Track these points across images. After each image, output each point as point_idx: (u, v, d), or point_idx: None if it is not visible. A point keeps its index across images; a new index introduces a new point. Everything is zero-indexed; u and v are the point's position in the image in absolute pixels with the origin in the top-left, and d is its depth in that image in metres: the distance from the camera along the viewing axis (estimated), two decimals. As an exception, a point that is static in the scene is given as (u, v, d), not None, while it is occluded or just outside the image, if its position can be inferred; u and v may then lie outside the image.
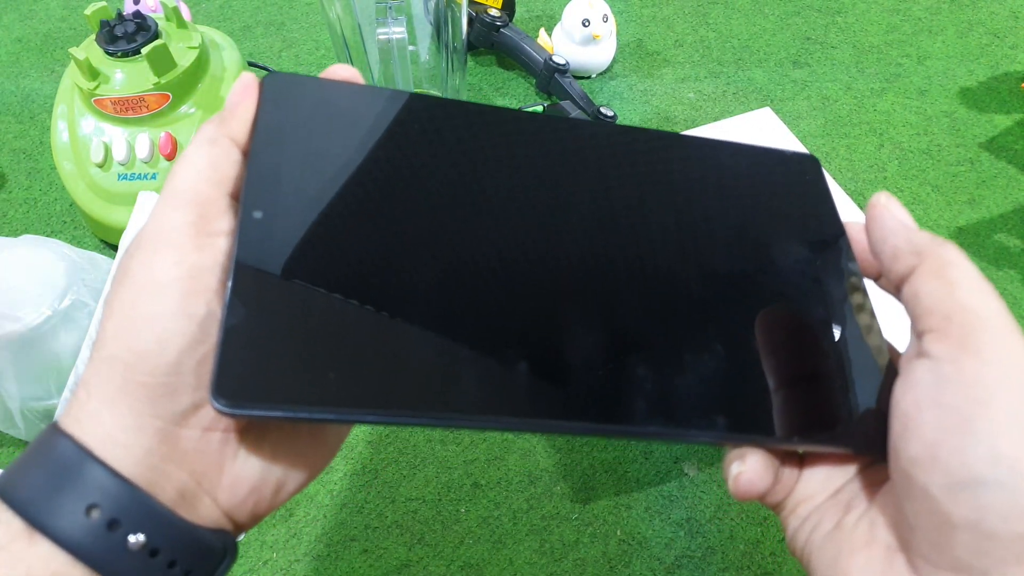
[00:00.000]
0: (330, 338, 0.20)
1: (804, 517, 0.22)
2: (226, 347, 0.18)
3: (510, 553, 0.42)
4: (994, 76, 0.68)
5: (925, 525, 0.18)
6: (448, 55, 0.54)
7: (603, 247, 0.24)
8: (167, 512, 0.18)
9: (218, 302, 0.19)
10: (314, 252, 0.21)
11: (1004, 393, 0.18)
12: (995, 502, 0.17)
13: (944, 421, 0.18)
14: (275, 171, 0.22)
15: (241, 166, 0.21)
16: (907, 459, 0.19)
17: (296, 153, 0.22)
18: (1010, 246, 0.56)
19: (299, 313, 0.20)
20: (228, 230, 0.20)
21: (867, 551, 0.20)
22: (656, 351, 0.22)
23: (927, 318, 0.20)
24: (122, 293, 0.19)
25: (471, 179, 0.24)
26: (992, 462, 0.17)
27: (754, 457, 0.21)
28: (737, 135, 0.50)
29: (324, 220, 0.21)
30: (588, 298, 0.23)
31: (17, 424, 0.44)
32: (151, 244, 0.19)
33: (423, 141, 0.24)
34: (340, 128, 0.23)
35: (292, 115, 0.23)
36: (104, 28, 0.51)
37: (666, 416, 0.21)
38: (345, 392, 0.19)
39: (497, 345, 0.21)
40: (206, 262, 0.19)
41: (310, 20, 0.74)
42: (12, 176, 0.61)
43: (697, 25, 0.74)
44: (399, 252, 0.22)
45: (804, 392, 0.22)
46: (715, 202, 0.26)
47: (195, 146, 0.21)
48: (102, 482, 0.17)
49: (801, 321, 0.24)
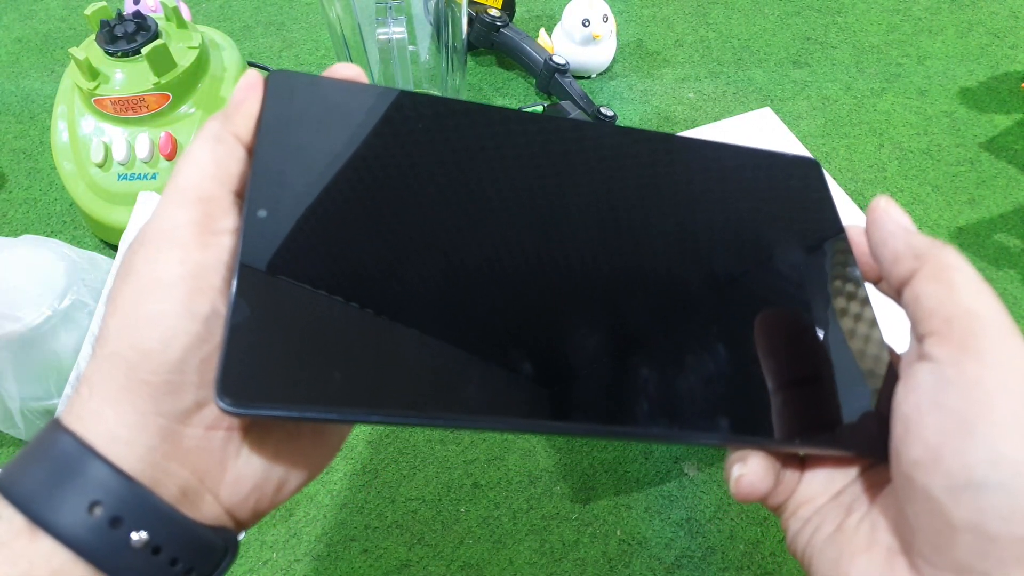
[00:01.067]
0: (334, 338, 0.20)
1: (805, 519, 0.22)
2: (231, 346, 0.18)
3: (510, 553, 0.42)
4: (994, 76, 0.68)
5: (926, 527, 0.18)
6: (448, 55, 0.54)
7: (604, 249, 0.24)
8: (169, 509, 0.18)
9: (222, 301, 0.19)
10: (319, 251, 0.21)
11: (1005, 395, 0.18)
12: (996, 504, 0.17)
13: (945, 424, 0.18)
14: (280, 169, 0.22)
15: (246, 164, 0.21)
16: (909, 462, 0.19)
17: (301, 151, 0.22)
18: (1010, 246, 0.56)
19: (304, 312, 0.20)
20: (232, 228, 0.20)
21: (868, 553, 0.20)
22: (657, 353, 0.22)
23: (928, 321, 0.20)
24: (125, 290, 0.19)
25: (476, 179, 0.24)
26: (993, 464, 0.17)
27: (755, 459, 0.21)
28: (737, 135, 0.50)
29: (329, 219, 0.21)
30: (590, 300, 0.23)
31: (17, 424, 0.44)
32: (155, 242, 0.19)
33: (429, 141, 0.24)
34: (345, 127, 0.23)
35: (297, 113, 0.23)
36: (104, 28, 0.51)
37: (668, 418, 0.21)
38: (349, 392, 0.19)
39: (500, 346, 0.21)
40: (210, 260, 0.19)
41: (310, 20, 0.74)
42: (12, 176, 0.61)
43: (697, 25, 0.74)
44: (404, 252, 0.22)
45: (805, 394, 0.22)
46: (715, 205, 0.26)
47: (199, 143, 0.21)
48: (104, 479, 0.17)
49: (801, 323, 0.24)
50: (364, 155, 0.23)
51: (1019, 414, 0.18)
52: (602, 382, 0.21)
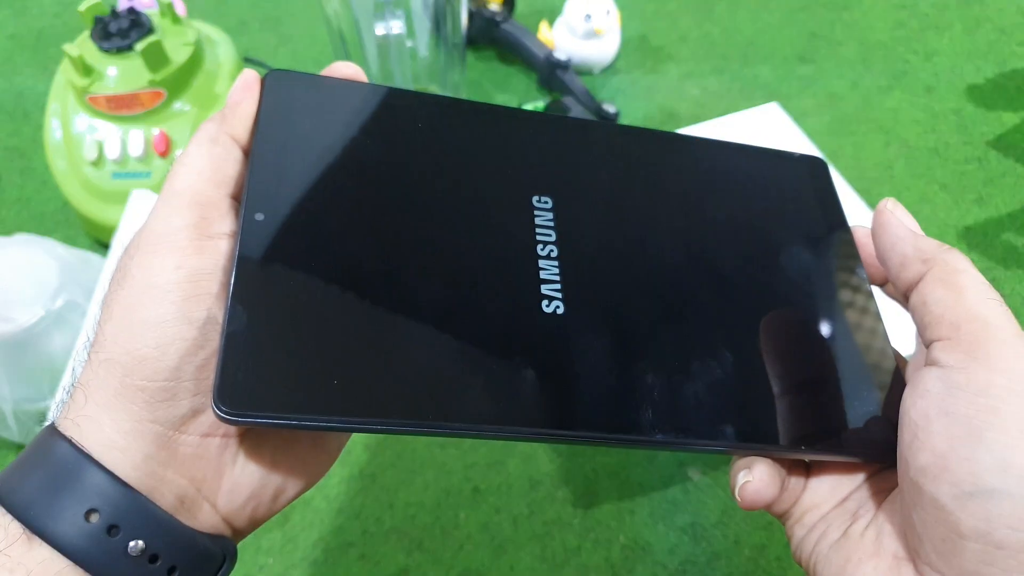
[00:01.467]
0: (333, 344, 0.19)
1: (810, 526, 0.22)
2: (228, 353, 0.18)
3: (511, 559, 0.42)
4: (1002, 73, 0.67)
5: (933, 535, 0.18)
6: (447, 50, 0.53)
7: (607, 252, 0.24)
8: (167, 517, 0.18)
9: (219, 306, 0.19)
10: (317, 255, 0.20)
11: (1014, 402, 0.18)
12: (1004, 512, 0.17)
13: (953, 430, 0.18)
14: (277, 172, 0.21)
15: (242, 165, 0.21)
16: (916, 469, 0.19)
17: (299, 153, 0.22)
18: (1018, 245, 0.55)
19: (302, 319, 0.19)
20: (229, 232, 0.20)
21: (874, 560, 0.20)
22: (662, 359, 0.22)
23: (936, 326, 0.20)
24: (120, 295, 0.19)
25: (478, 180, 0.23)
26: (1002, 471, 0.17)
27: (761, 466, 0.21)
28: (743, 131, 0.49)
29: (327, 223, 0.21)
30: (592, 304, 0.22)
31: (10, 425, 0.44)
32: (151, 246, 0.19)
33: (429, 141, 0.24)
34: (344, 128, 0.23)
35: (295, 114, 0.22)
36: (98, 24, 0.50)
37: (672, 425, 0.21)
38: (349, 399, 0.18)
39: (503, 352, 0.21)
40: (207, 265, 0.19)
41: (307, 15, 0.73)
42: (5, 174, 0.60)
43: (702, 20, 0.73)
44: (404, 257, 0.21)
45: (810, 399, 0.22)
46: (719, 205, 0.26)
47: (195, 145, 0.20)
48: (101, 486, 0.17)
49: (807, 326, 0.24)
50: (363, 157, 0.23)
51: None
52: (607, 389, 0.21)
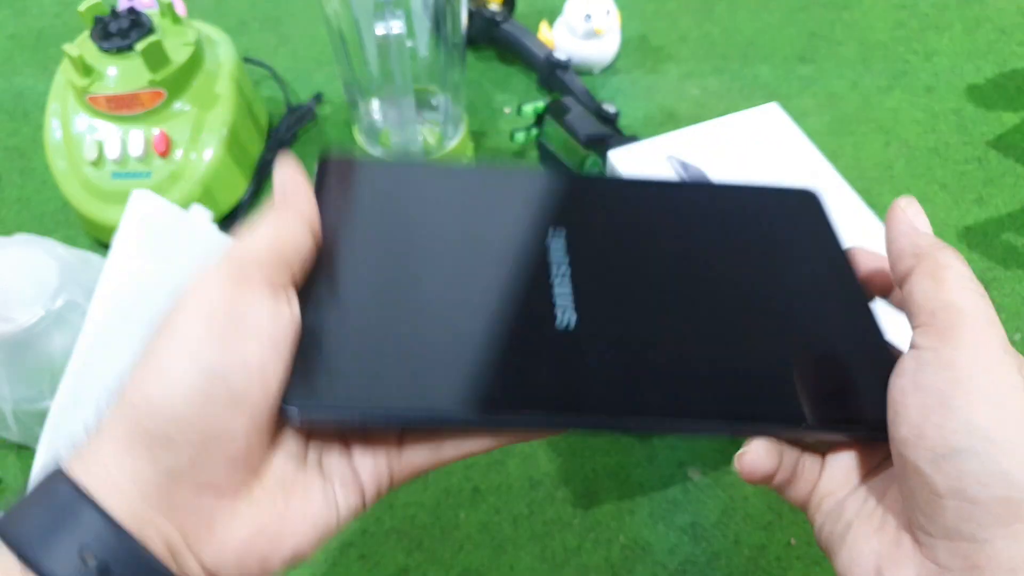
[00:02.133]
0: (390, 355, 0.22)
1: (828, 512, 0.23)
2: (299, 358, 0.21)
3: (511, 559, 0.42)
4: (1002, 73, 0.67)
5: (919, 499, 0.20)
6: (447, 50, 0.53)
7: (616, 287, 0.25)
8: (158, 564, 0.18)
9: (239, 370, 0.19)
10: (375, 294, 0.23)
11: (977, 372, 0.19)
12: (973, 469, 0.19)
13: (926, 401, 0.20)
14: (339, 254, 0.24)
15: (302, 239, 0.23)
16: (899, 440, 0.20)
17: (360, 237, 0.24)
18: (1018, 245, 0.55)
19: (363, 328, 0.22)
20: (268, 306, 0.21)
21: (879, 535, 0.21)
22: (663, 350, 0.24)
23: (917, 315, 0.21)
24: (155, 341, 0.20)
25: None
26: (968, 433, 0.19)
27: (759, 439, 0.23)
28: (743, 131, 0.49)
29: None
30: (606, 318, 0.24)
31: (10, 426, 0.44)
32: (196, 305, 0.20)
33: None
34: (405, 210, 0.25)
35: (355, 199, 0.25)
36: (98, 24, 0.50)
37: (670, 408, 0.22)
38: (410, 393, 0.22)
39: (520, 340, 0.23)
40: (235, 322, 0.20)
41: (307, 15, 0.73)
42: (5, 175, 0.60)
43: (702, 20, 0.73)
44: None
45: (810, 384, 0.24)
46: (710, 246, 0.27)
47: (263, 221, 0.22)
48: (95, 526, 0.18)
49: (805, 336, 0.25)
50: (422, 238, 0.25)
51: (990, 389, 0.19)
52: (609, 372, 0.23)
